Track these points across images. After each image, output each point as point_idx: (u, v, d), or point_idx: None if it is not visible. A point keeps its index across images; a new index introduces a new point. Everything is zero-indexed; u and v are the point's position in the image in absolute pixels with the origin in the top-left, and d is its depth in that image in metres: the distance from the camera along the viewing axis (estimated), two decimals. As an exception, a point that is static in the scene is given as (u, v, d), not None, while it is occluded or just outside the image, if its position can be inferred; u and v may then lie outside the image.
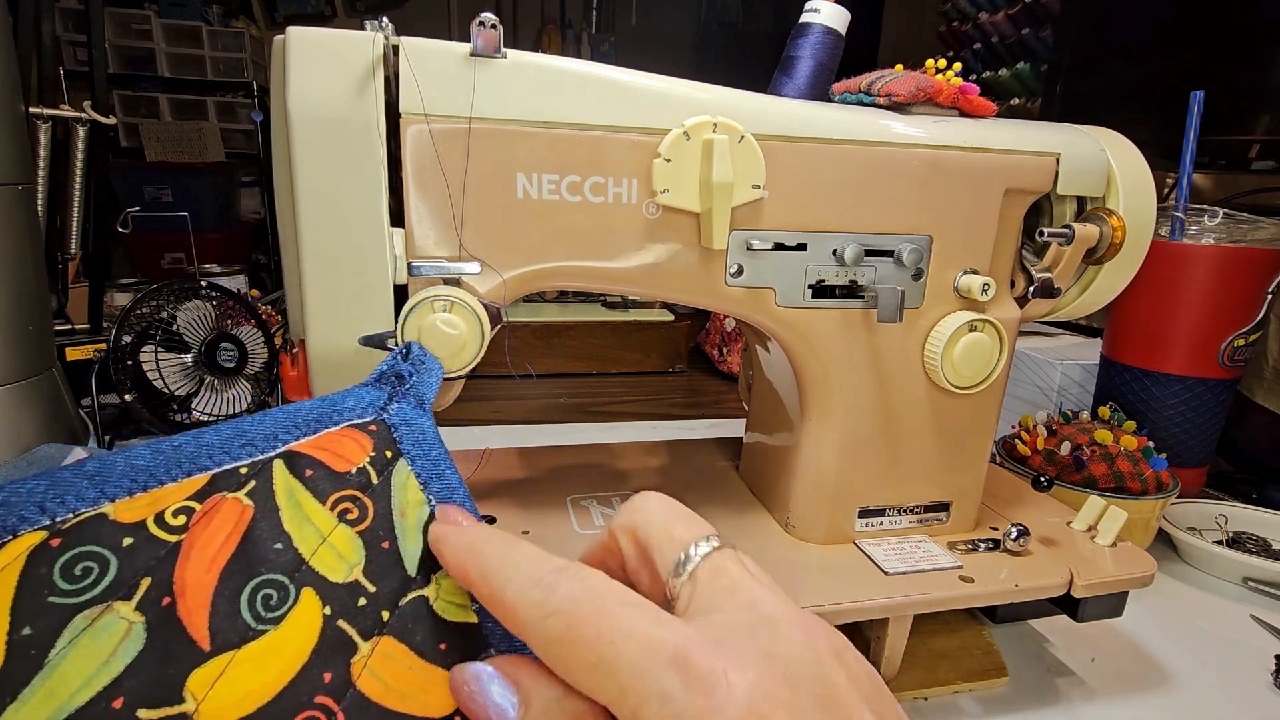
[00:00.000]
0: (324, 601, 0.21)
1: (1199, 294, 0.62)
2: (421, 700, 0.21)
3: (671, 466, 0.55)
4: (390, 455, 0.25)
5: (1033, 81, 1.51)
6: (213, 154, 1.90)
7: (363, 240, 0.34)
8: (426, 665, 0.21)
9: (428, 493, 0.24)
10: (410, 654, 0.21)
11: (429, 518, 0.24)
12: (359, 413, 0.26)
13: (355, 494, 0.23)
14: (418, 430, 0.26)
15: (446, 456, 0.26)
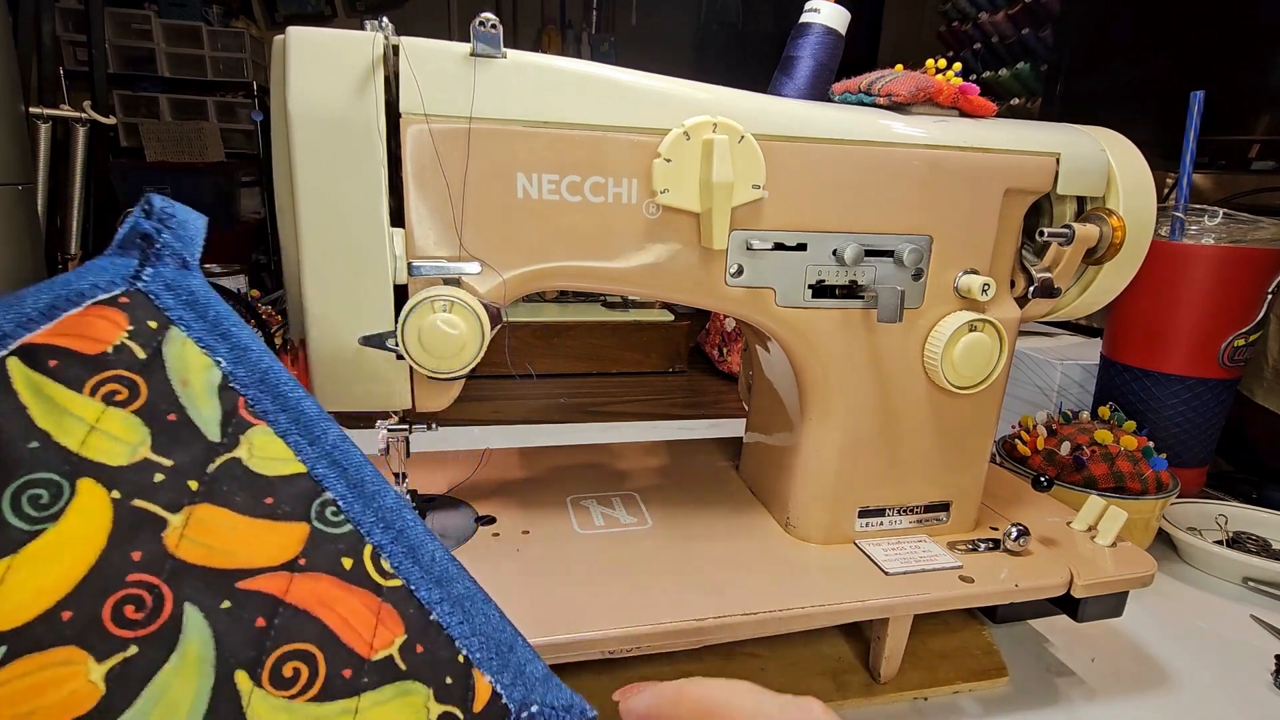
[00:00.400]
0: (109, 487, 0.21)
1: (1199, 294, 0.62)
2: (252, 553, 0.21)
3: (671, 466, 0.55)
4: (155, 326, 0.23)
5: (1033, 81, 1.51)
6: (213, 154, 1.90)
7: (363, 240, 0.34)
8: (254, 521, 0.21)
9: (214, 355, 0.24)
10: (233, 514, 0.21)
11: (222, 380, 0.23)
12: (103, 288, 0.24)
13: (120, 374, 0.22)
14: (184, 293, 0.24)
15: (230, 314, 0.25)
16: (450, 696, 0.22)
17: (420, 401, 0.38)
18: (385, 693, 0.21)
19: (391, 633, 0.22)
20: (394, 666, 0.22)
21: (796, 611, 0.38)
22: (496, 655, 0.23)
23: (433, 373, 0.35)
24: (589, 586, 0.39)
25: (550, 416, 0.90)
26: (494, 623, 0.24)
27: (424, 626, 0.22)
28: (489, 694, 0.23)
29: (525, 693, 0.23)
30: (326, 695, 0.21)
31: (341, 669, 0.21)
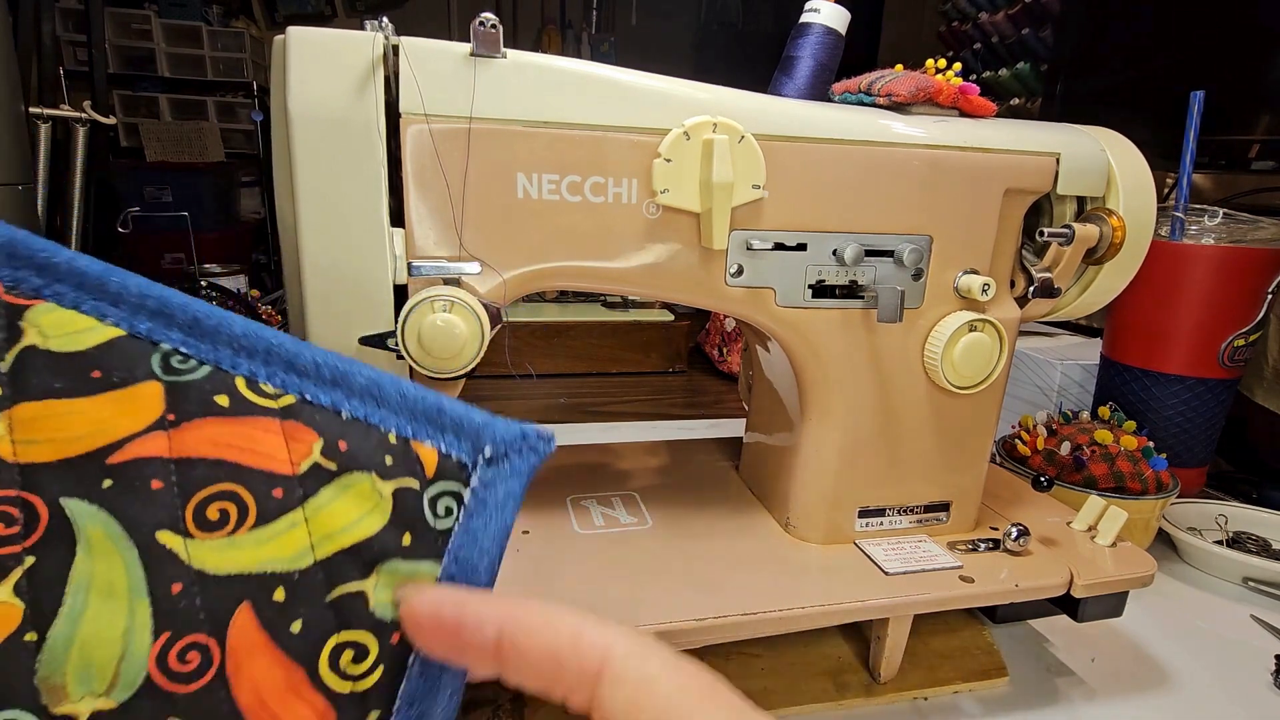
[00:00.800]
0: None
1: (1199, 294, 0.62)
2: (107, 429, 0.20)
3: (671, 466, 0.55)
4: None
5: (1033, 81, 1.51)
6: (213, 154, 1.90)
7: (363, 240, 0.34)
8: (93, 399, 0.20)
9: None
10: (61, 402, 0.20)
11: None
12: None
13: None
14: None
15: None
16: (397, 472, 0.22)
17: (420, 401, 0.38)
18: (325, 494, 0.21)
19: (305, 443, 0.21)
20: (323, 470, 0.21)
21: (796, 611, 0.38)
22: (428, 423, 0.23)
23: (433, 373, 0.35)
24: (589, 586, 0.39)
25: (550, 416, 0.90)
26: (413, 397, 0.23)
27: (339, 426, 0.22)
28: (435, 457, 0.22)
29: (474, 441, 0.23)
30: (264, 519, 0.20)
31: (270, 492, 0.20)
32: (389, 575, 0.21)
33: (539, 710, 0.39)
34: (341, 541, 0.21)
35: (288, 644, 0.20)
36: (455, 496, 0.22)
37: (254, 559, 0.20)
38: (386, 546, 0.21)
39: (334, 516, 0.21)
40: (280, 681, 0.20)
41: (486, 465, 0.23)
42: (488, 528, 0.22)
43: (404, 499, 0.22)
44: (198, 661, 0.19)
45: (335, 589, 0.21)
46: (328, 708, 0.20)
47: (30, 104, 0.68)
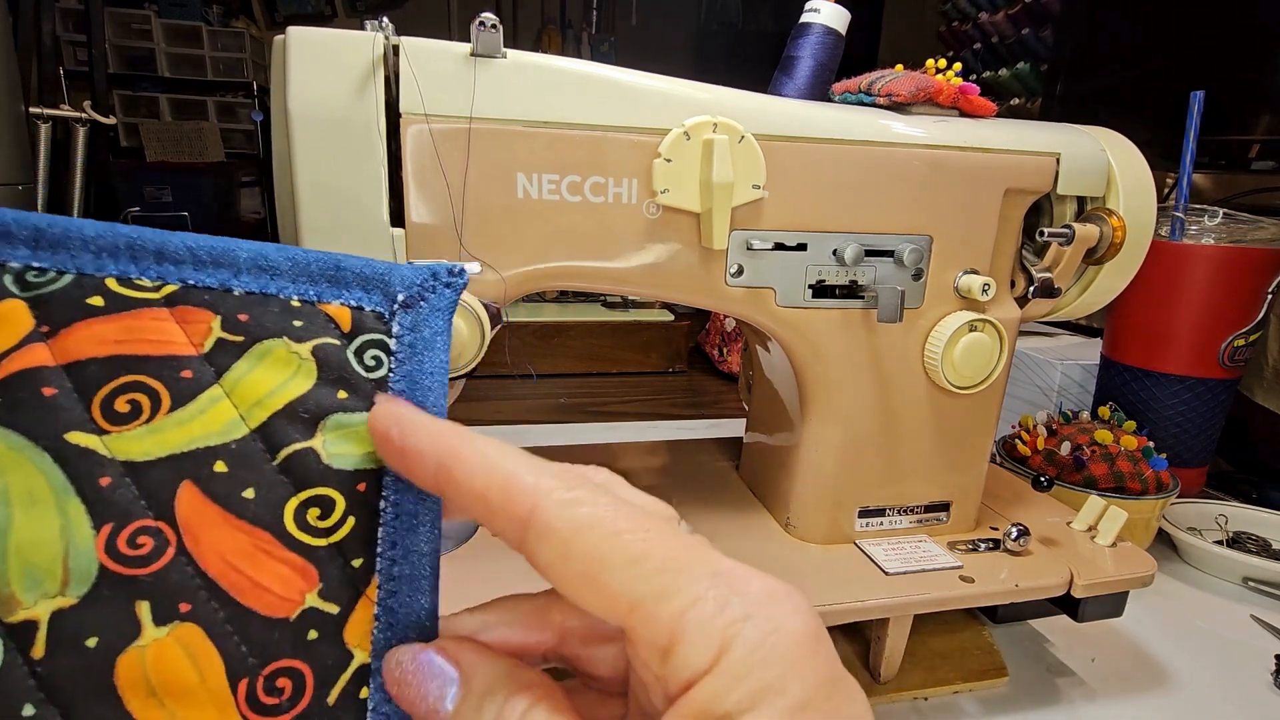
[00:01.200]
0: None
1: (1199, 294, 0.62)
2: None
3: (671, 466, 0.55)
4: None
5: (1033, 81, 1.51)
6: (213, 154, 1.90)
7: (363, 240, 0.34)
8: None
9: None
10: None
11: None
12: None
13: None
14: None
15: None
16: (310, 333, 0.21)
17: (420, 401, 0.38)
18: (240, 366, 0.21)
19: (203, 323, 0.21)
20: (230, 345, 0.21)
21: (796, 611, 0.38)
22: (329, 283, 0.22)
23: (433, 373, 0.35)
24: (589, 586, 0.39)
25: (550, 416, 0.90)
26: (305, 260, 0.22)
27: (234, 302, 0.21)
28: (348, 313, 0.22)
29: (383, 291, 0.22)
30: (181, 401, 0.20)
31: (179, 375, 0.20)
32: (337, 431, 0.21)
33: (539, 710, 0.39)
34: (272, 406, 0.21)
35: (244, 511, 0.20)
36: (380, 346, 0.22)
37: (180, 440, 0.20)
38: (322, 403, 0.21)
39: (256, 385, 0.21)
40: (246, 546, 0.20)
41: (404, 311, 0.22)
42: (423, 368, 0.22)
43: (326, 356, 0.21)
44: (151, 544, 0.19)
45: (280, 452, 0.21)
46: (304, 563, 0.20)
47: (30, 104, 0.68)
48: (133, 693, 0.19)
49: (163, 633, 0.19)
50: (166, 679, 0.19)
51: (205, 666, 0.19)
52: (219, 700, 0.19)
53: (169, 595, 0.19)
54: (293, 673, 0.20)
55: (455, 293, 0.23)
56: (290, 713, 0.20)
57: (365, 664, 0.21)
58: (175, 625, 0.19)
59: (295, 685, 0.20)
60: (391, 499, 0.21)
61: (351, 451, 0.21)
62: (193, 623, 0.19)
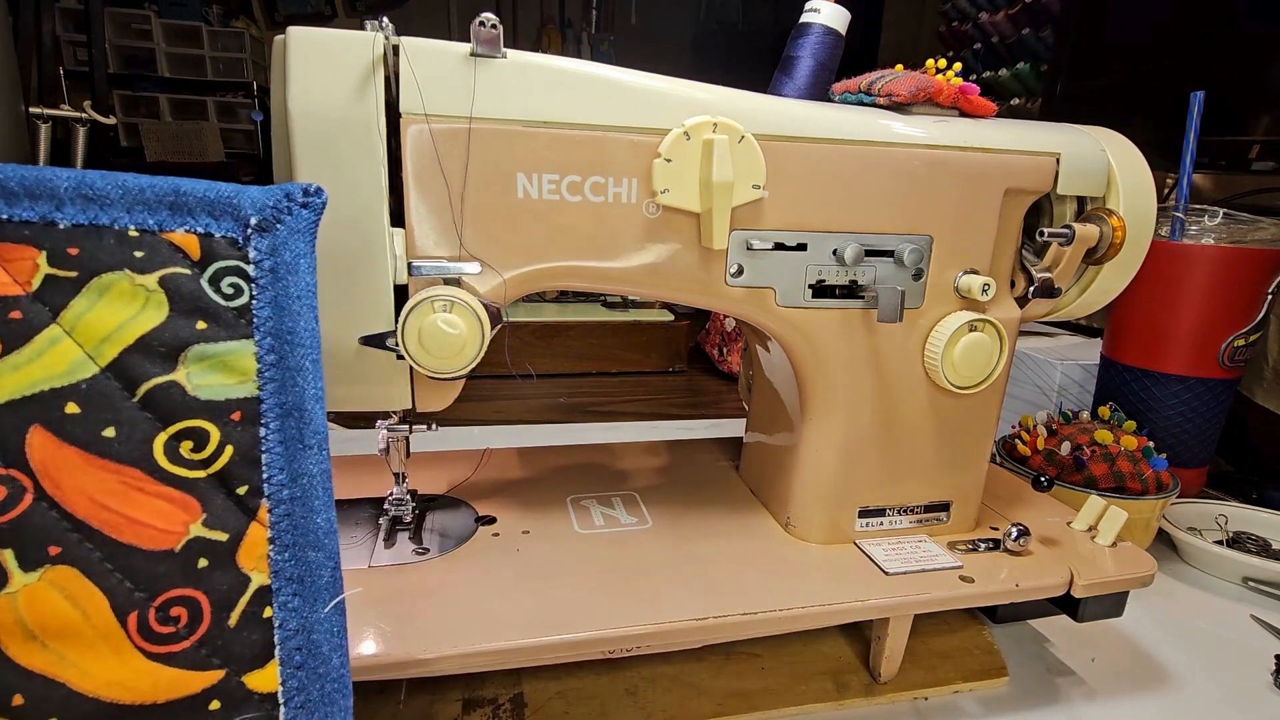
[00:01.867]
0: None
1: (1199, 294, 0.62)
2: None
3: (671, 466, 0.55)
4: None
5: (1033, 81, 1.51)
6: (213, 154, 1.90)
7: (363, 240, 0.34)
8: None
9: None
10: None
11: None
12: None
13: None
14: None
15: None
16: (153, 264, 0.20)
17: (420, 401, 0.38)
18: (79, 302, 0.20)
19: (26, 260, 0.20)
20: (62, 281, 0.20)
21: (796, 611, 0.38)
22: (170, 210, 0.21)
23: (433, 373, 0.35)
24: (589, 586, 0.39)
25: (550, 416, 0.90)
26: (139, 187, 0.21)
27: (61, 234, 0.20)
28: (195, 241, 0.21)
29: (233, 215, 0.21)
30: (13, 344, 0.19)
31: (7, 316, 0.19)
32: (200, 362, 0.21)
33: (539, 710, 0.39)
34: (122, 341, 0.20)
35: (106, 450, 0.20)
36: (238, 273, 0.21)
37: (21, 384, 0.19)
38: (180, 335, 0.20)
39: (100, 321, 0.20)
40: (115, 485, 0.19)
41: (260, 234, 0.22)
42: (289, 292, 0.22)
43: (177, 286, 0.21)
44: (5, 493, 0.19)
45: (139, 388, 0.20)
46: (184, 496, 0.20)
47: (30, 104, 0.68)
48: (9, 638, 0.19)
49: (33, 577, 0.19)
50: (45, 622, 0.19)
51: (87, 605, 0.19)
52: (108, 635, 0.19)
53: (33, 540, 0.19)
54: (187, 601, 0.20)
55: (314, 213, 0.23)
56: (189, 639, 0.20)
57: (265, 585, 0.21)
58: (46, 569, 0.19)
59: (191, 613, 0.20)
60: (273, 425, 0.21)
61: (220, 381, 0.21)
62: (65, 564, 0.19)
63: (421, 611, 0.36)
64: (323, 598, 0.21)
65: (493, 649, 0.34)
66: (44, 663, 0.19)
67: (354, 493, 0.47)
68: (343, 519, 0.44)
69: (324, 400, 0.22)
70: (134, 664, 0.19)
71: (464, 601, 0.37)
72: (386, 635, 0.33)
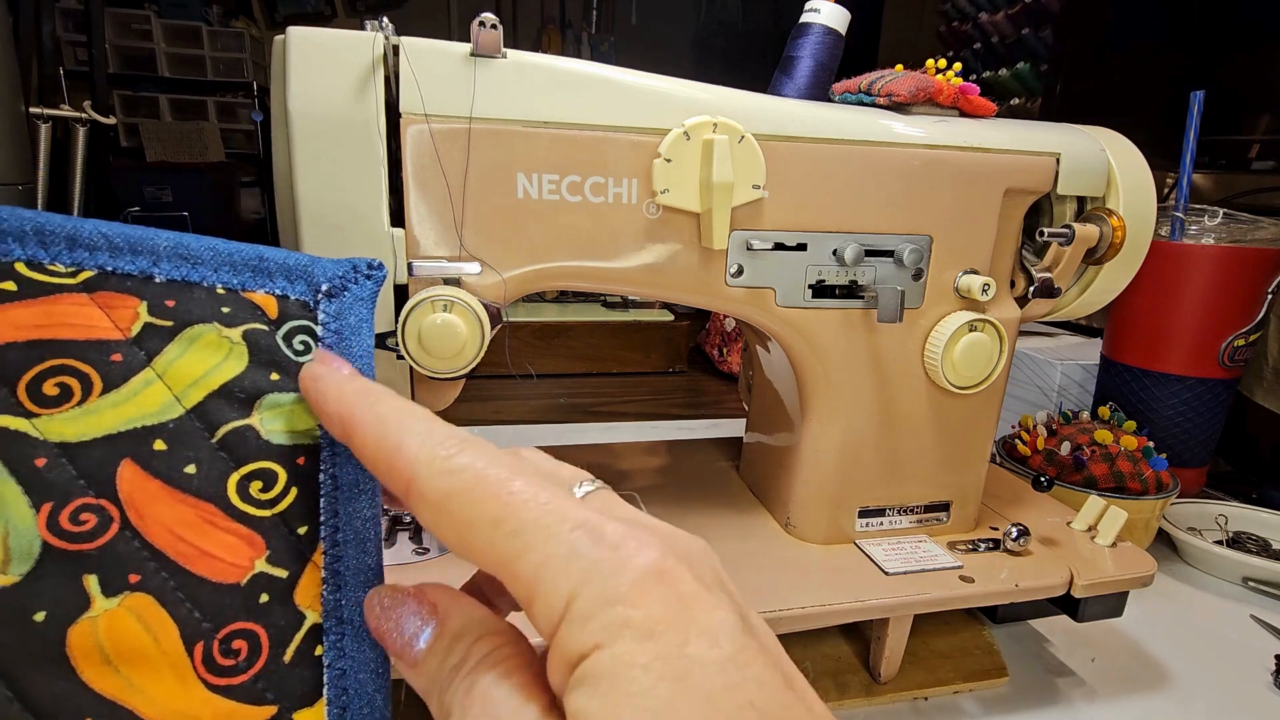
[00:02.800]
0: None
1: (1199, 294, 0.62)
2: None
3: (671, 466, 0.55)
4: None
5: (1033, 81, 1.51)
6: (213, 154, 1.90)
7: (363, 240, 0.34)
8: None
9: None
10: None
11: None
12: None
13: None
14: None
15: None
16: (238, 319, 0.22)
17: (420, 401, 0.38)
18: (172, 350, 0.21)
19: (129, 309, 0.21)
20: (158, 328, 0.21)
21: (796, 611, 0.38)
22: (252, 273, 0.23)
23: (433, 373, 0.35)
24: (589, 586, 0.39)
25: (550, 416, 0.90)
26: (227, 251, 0.23)
27: (157, 289, 0.22)
28: (273, 302, 0.23)
29: (307, 281, 0.23)
30: (113, 384, 0.20)
31: (108, 358, 0.21)
32: (273, 409, 0.22)
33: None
34: (207, 386, 0.21)
35: (187, 485, 0.21)
36: (308, 332, 0.23)
37: (117, 420, 0.20)
38: (257, 383, 0.22)
39: (190, 367, 0.21)
40: (191, 518, 0.21)
41: (329, 300, 0.23)
42: (351, 351, 0.23)
43: (256, 340, 0.22)
44: (95, 521, 0.20)
45: (219, 430, 0.21)
46: (250, 532, 0.21)
47: (30, 104, 0.68)
48: (86, 662, 0.19)
49: (113, 603, 0.20)
50: (120, 647, 0.19)
51: (159, 632, 0.20)
52: (175, 664, 0.20)
53: (117, 567, 0.20)
54: (248, 634, 0.21)
55: (376, 284, 0.24)
56: (248, 673, 0.21)
57: (317, 623, 0.22)
58: (125, 595, 0.20)
59: (251, 646, 0.21)
60: (330, 471, 0.22)
61: (288, 428, 0.22)
62: (143, 592, 0.20)
63: (421, 611, 0.36)
64: (371, 639, 0.22)
65: (493, 649, 0.34)
66: (115, 688, 0.19)
67: (354, 493, 0.47)
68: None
69: None
70: (196, 694, 0.20)
71: (464, 601, 0.37)
72: (386, 635, 0.33)
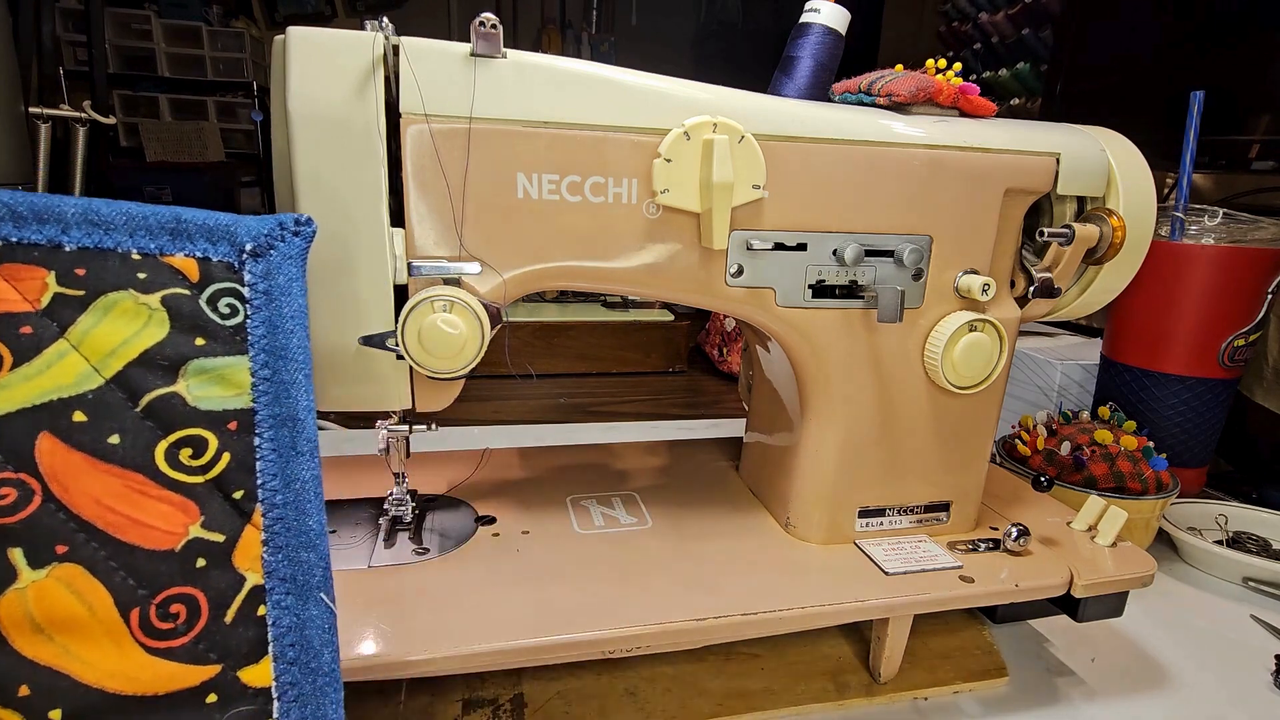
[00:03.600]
0: None
1: (1199, 294, 0.62)
2: None
3: (671, 466, 0.55)
4: None
5: (1033, 81, 1.51)
6: (213, 154, 1.90)
7: (363, 240, 0.34)
8: None
9: None
10: None
11: None
12: None
13: None
14: None
15: None
16: (156, 285, 0.22)
17: (420, 401, 0.38)
18: (86, 319, 0.21)
19: (36, 279, 0.21)
20: (70, 299, 0.21)
21: (796, 611, 0.38)
22: (170, 236, 0.22)
23: (433, 373, 0.35)
24: (589, 586, 0.39)
25: (550, 416, 0.90)
26: (142, 214, 0.22)
27: (68, 257, 0.21)
28: (194, 264, 0.22)
29: (230, 241, 0.23)
30: (24, 357, 0.20)
31: (18, 331, 0.20)
32: (200, 375, 0.22)
33: (539, 710, 0.39)
34: (126, 355, 0.21)
35: (111, 455, 0.21)
36: (234, 294, 0.23)
37: (31, 393, 0.20)
38: (181, 350, 0.22)
39: (106, 336, 0.21)
40: (119, 488, 0.21)
41: (255, 260, 0.23)
42: (283, 312, 0.23)
43: (178, 305, 0.22)
44: (15, 495, 0.20)
45: (142, 398, 0.21)
46: (183, 499, 0.21)
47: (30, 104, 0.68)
48: (17, 631, 0.19)
49: (41, 574, 0.20)
50: (53, 616, 0.20)
51: (93, 600, 0.20)
52: (111, 630, 0.20)
53: (42, 540, 0.20)
54: (185, 598, 0.21)
55: (305, 240, 0.24)
56: (188, 635, 0.21)
57: (259, 584, 0.22)
58: (54, 566, 0.20)
59: (190, 609, 0.21)
60: (267, 434, 0.22)
61: (218, 393, 0.22)
62: (72, 562, 0.20)
63: (421, 612, 0.36)
64: (314, 596, 0.22)
65: (493, 649, 0.34)
66: (50, 655, 0.20)
67: (354, 493, 0.47)
68: (343, 519, 0.44)
69: (315, 411, 0.24)
70: (135, 657, 0.20)
71: (464, 602, 0.37)
72: (386, 635, 0.33)
